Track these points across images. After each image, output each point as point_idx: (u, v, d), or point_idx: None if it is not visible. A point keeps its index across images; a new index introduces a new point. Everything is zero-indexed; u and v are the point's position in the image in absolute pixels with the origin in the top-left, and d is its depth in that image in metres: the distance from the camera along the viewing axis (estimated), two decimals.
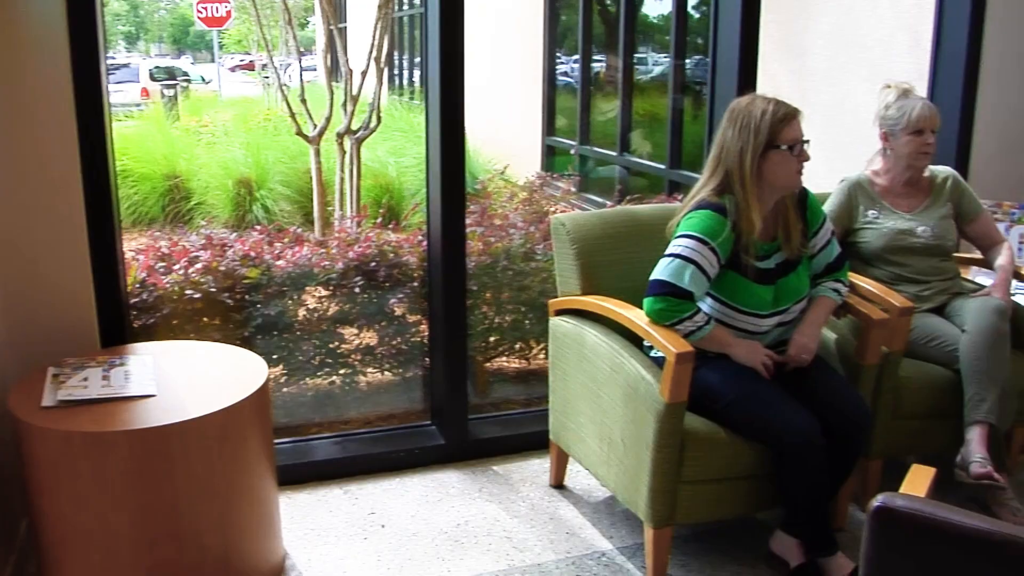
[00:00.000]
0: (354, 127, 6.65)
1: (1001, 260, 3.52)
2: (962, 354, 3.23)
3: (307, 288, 3.96)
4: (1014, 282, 3.56)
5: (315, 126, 6.74)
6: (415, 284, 4.01)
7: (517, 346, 4.40)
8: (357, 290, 3.95)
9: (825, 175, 3.66)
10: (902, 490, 1.82)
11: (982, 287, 3.51)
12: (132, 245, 4.39)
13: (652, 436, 2.70)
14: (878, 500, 1.26)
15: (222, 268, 3.80)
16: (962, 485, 3.18)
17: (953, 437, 3.25)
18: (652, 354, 2.92)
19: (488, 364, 4.39)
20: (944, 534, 1.24)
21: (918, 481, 1.86)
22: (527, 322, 4.29)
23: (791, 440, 2.70)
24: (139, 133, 10.94)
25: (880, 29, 5.37)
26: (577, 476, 3.52)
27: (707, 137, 2.98)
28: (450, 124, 3.40)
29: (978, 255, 3.72)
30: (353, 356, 4.01)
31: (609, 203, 5.66)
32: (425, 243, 3.81)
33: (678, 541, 3.09)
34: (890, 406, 3.24)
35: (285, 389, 3.93)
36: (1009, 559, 1.21)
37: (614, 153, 9.70)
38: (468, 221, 4.11)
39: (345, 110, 6.66)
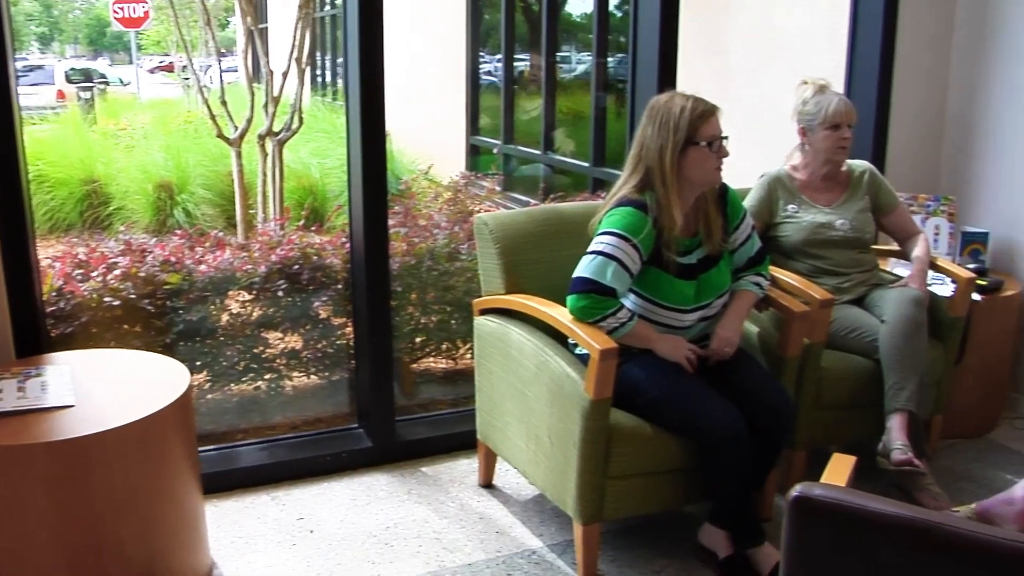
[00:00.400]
0: (276, 128, 6.56)
1: (917, 251, 3.60)
2: (881, 344, 3.29)
3: (230, 293, 3.90)
4: (930, 272, 3.64)
5: (236, 128, 6.64)
6: (339, 286, 3.97)
7: (444, 346, 4.38)
8: (281, 294, 3.90)
9: (747, 170, 3.71)
10: (823, 479, 1.84)
11: (900, 278, 3.58)
12: (49, 252, 4.30)
13: (578, 433, 2.71)
14: (796, 490, 1.27)
15: (142, 274, 3.73)
16: (884, 472, 3.24)
17: (875, 426, 3.32)
18: (577, 351, 2.92)
19: (415, 365, 4.37)
20: (862, 521, 1.25)
21: (839, 470, 1.89)
22: (453, 322, 4.27)
23: (715, 433, 2.72)
24: (55, 137, 10.68)
25: (798, 27, 5.45)
26: (506, 475, 3.52)
27: (629, 134, 3.00)
28: (371, 124, 3.37)
29: (896, 247, 3.80)
30: (278, 360, 3.96)
31: (533, 201, 5.67)
32: (348, 245, 3.77)
33: (607, 536, 3.10)
34: (812, 397, 3.30)
35: (209, 396, 3.86)
36: (926, 544, 1.23)
37: (538, 152, 9.72)
38: (392, 222, 4.10)
39: (267, 111, 6.57)
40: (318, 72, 18.54)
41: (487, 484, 3.47)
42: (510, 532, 3.17)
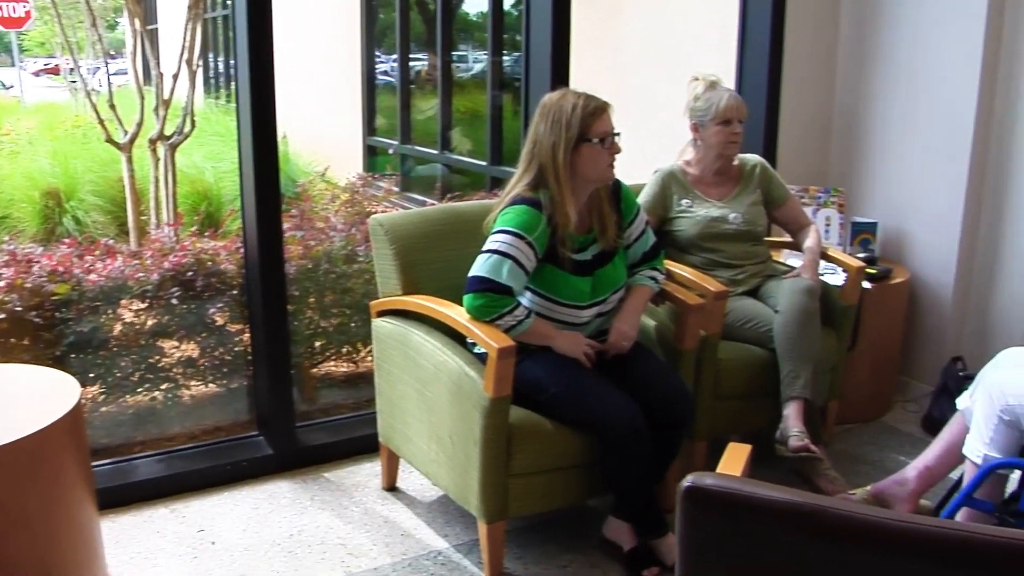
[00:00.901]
0: (167, 132, 6.42)
1: (809, 242, 3.68)
2: (776, 334, 3.36)
3: (122, 302, 3.79)
4: (822, 263, 3.73)
5: (126, 132, 6.48)
6: (235, 292, 3.89)
7: (344, 350, 4.34)
8: (175, 301, 3.81)
9: (642, 166, 3.75)
10: (719, 469, 1.87)
11: (793, 269, 3.66)
12: None
13: (479, 432, 2.71)
14: (688, 480, 1.28)
15: (28, 285, 3.60)
16: (783, 459, 3.30)
17: (772, 414, 3.38)
18: (476, 351, 2.92)
19: (315, 370, 4.32)
20: (754, 509, 1.27)
21: (734, 459, 1.92)
22: (353, 325, 4.23)
23: (615, 428, 2.74)
24: None
25: (690, 24, 5.54)
26: (409, 477, 3.50)
27: (524, 133, 3.00)
28: (262, 127, 3.31)
29: (788, 238, 3.88)
30: (174, 370, 3.87)
31: (431, 201, 5.65)
32: (243, 250, 3.70)
33: (513, 534, 3.10)
34: (711, 388, 3.35)
35: (103, 408, 3.76)
36: (815, 528, 1.25)
37: (435, 151, 9.70)
38: (287, 225, 4.04)
39: (157, 115, 6.42)
40: (211, 74, 18.19)
41: (391, 487, 3.44)
42: (415, 534, 3.15)
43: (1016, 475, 2.67)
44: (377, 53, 11.38)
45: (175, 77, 6.41)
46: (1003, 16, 3.95)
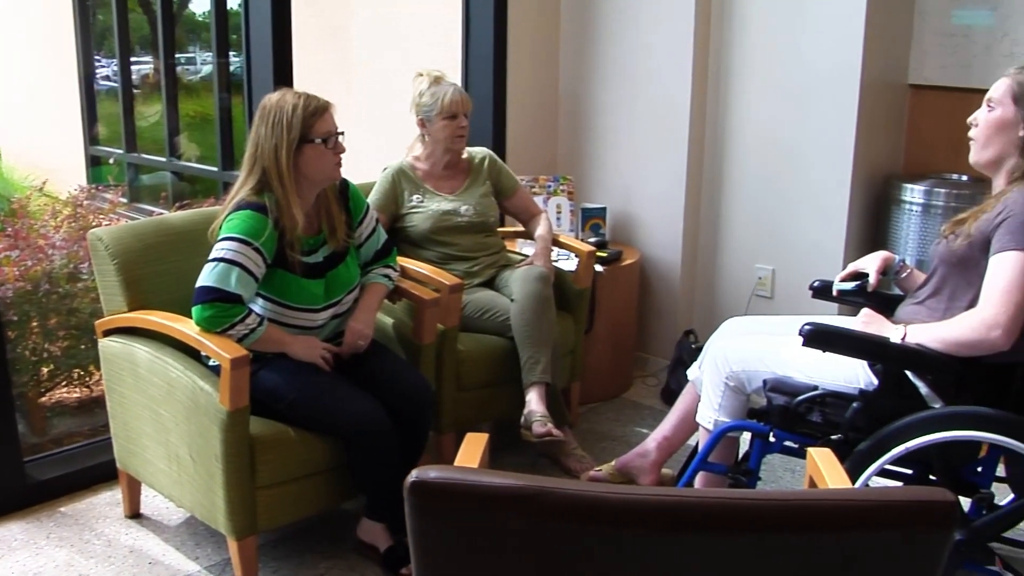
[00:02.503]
0: None
1: (540, 230, 3.77)
2: (513, 322, 3.42)
3: None
4: (555, 249, 3.83)
5: None
6: None
7: (75, 374, 4.10)
8: None
9: (376, 163, 3.74)
10: (457, 461, 1.89)
11: (526, 258, 3.74)
12: None
13: (219, 447, 2.62)
14: (412, 476, 1.28)
15: None
16: (531, 444, 3.37)
17: (517, 401, 3.43)
18: (210, 363, 2.82)
19: (45, 399, 4.06)
20: (479, 497, 1.29)
21: (472, 449, 1.94)
22: (83, 347, 4.00)
23: (357, 428, 2.73)
24: None
25: (416, 19, 5.56)
26: (153, 502, 3.34)
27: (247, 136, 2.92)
28: None
29: (521, 228, 3.97)
30: None
31: (159, 211, 5.42)
32: None
33: (266, 548, 3.03)
34: (453, 380, 3.38)
35: None
36: (540, 510, 1.28)
37: (163, 159, 9.33)
38: (1, 245, 3.78)
39: None
40: None
41: (134, 514, 3.27)
42: (164, 560, 3.02)
43: (747, 436, 2.84)
44: (98, 57, 10.80)
45: None
46: (710, 7, 4.20)
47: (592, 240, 4.21)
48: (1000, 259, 2.43)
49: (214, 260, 2.69)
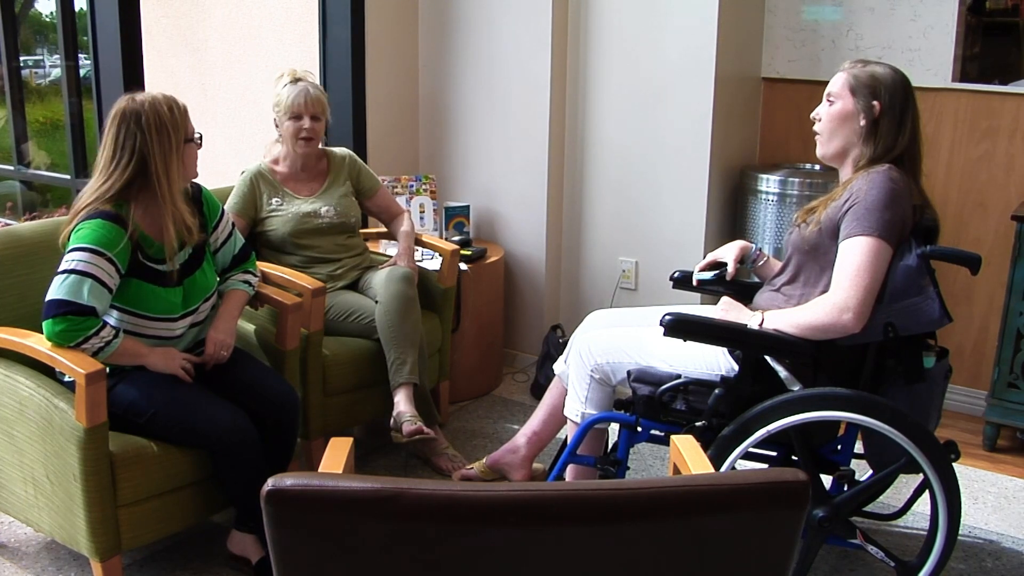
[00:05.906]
0: None
1: (403, 229, 3.76)
2: (378, 323, 3.41)
3: None
4: (419, 249, 3.82)
5: None
6: None
7: None
8: None
9: (235, 166, 3.67)
10: (322, 467, 1.88)
11: (390, 258, 3.72)
12: None
13: (77, 466, 2.53)
14: (268, 484, 1.27)
15: None
16: (402, 446, 3.36)
17: (385, 403, 3.42)
18: (65, 380, 2.72)
19: None
20: (336, 502, 1.28)
21: (336, 454, 1.93)
22: None
23: (221, 438, 2.68)
24: None
25: (273, 19, 5.48)
26: (10, 529, 3.19)
27: (100, 141, 2.81)
28: None
29: (383, 229, 3.94)
30: None
31: (6, 222, 5.21)
32: None
33: (133, 568, 2.95)
34: (319, 385, 3.34)
35: None
36: (398, 511, 1.28)
37: (11, 167, 8.98)
38: None
39: None
40: None
41: None
42: None
43: (615, 427, 2.88)
44: None
45: None
46: (567, 7, 4.25)
47: (456, 239, 4.22)
48: (848, 244, 2.54)
49: (64, 272, 2.59)
